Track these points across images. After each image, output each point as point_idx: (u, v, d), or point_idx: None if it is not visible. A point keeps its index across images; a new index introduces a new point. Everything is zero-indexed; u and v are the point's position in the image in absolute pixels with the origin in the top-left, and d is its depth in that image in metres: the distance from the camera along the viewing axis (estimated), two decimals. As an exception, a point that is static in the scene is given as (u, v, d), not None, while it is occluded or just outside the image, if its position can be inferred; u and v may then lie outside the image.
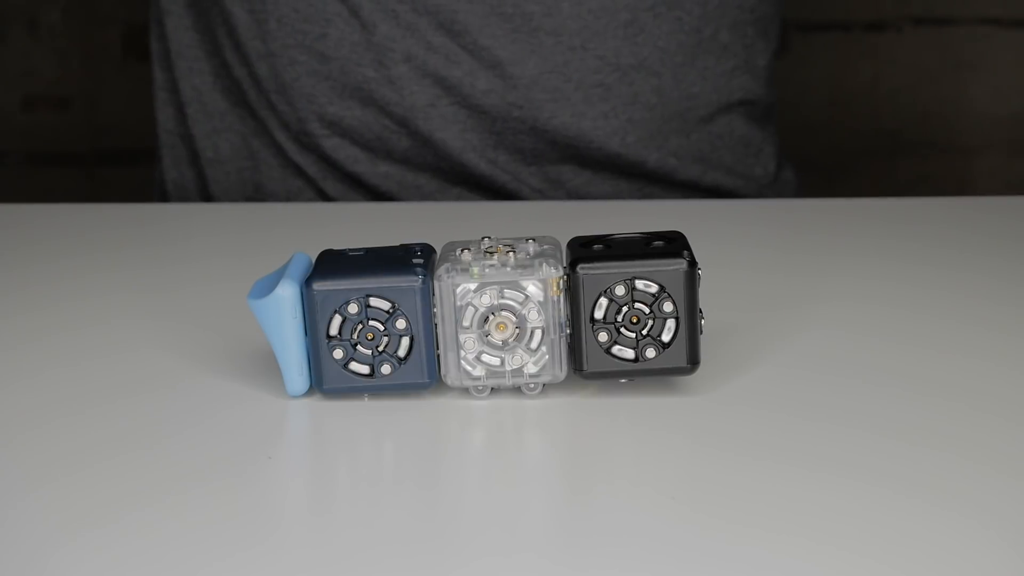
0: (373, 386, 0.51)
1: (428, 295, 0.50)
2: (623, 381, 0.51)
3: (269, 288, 0.51)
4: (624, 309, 0.50)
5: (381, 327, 0.50)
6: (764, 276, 0.66)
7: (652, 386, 0.52)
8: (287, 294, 0.50)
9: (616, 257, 0.49)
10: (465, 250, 0.50)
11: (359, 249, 0.52)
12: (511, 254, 0.50)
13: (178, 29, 0.87)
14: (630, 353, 0.50)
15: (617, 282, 0.49)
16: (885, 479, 0.45)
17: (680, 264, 0.49)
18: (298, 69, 0.82)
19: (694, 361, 0.50)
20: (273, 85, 0.83)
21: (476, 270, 0.50)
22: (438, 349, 0.51)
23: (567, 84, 0.81)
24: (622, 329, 0.50)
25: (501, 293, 0.50)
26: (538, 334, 0.50)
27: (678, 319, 0.50)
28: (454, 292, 0.50)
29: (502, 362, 0.50)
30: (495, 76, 0.80)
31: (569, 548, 0.42)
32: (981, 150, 1.35)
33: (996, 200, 0.82)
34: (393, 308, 0.50)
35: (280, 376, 0.52)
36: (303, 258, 0.52)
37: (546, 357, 0.50)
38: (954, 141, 1.35)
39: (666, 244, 0.50)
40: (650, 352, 0.50)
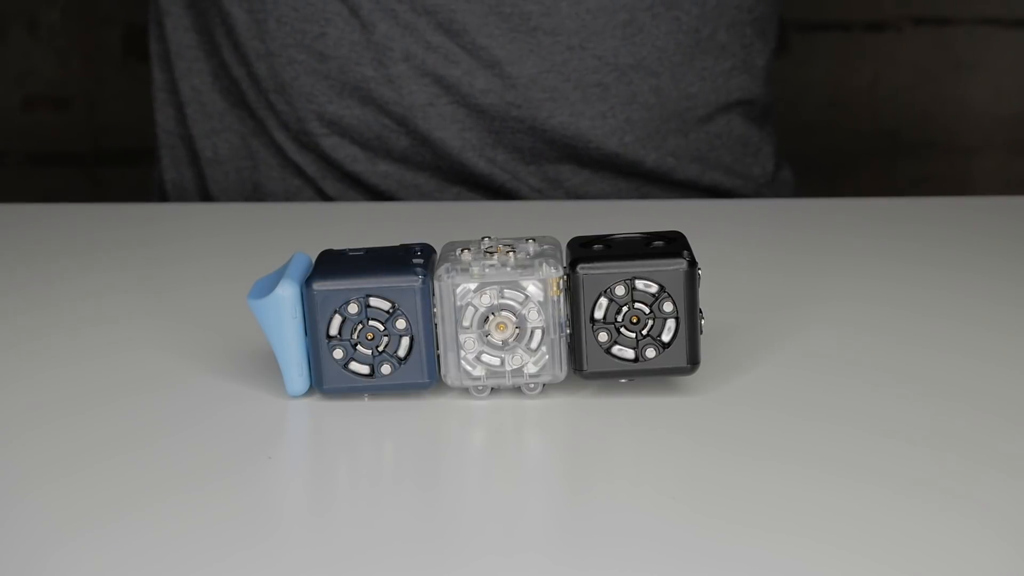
0: (373, 386, 0.51)
1: (428, 295, 0.50)
2: (623, 381, 0.51)
3: (269, 288, 0.51)
4: (624, 309, 0.50)
5: (381, 327, 0.50)
6: (764, 276, 0.65)
7: (652, 386, 0.52)
8: (287, 294, 0.50)
9: (616, 257, 0.49)
10: (465, 250, 0.50)
11: (359, 249, 0.52)
12: (511, 254, 0.50)
13: (177, 30, 0.87)
14: (630, 353, 0.50)
15: (617, 282, 0.49)
16: (885, 479, 0.45)
17: (680, 264, 0.49)
18: (297, 68, 0.82)
19: (694, 361, 0.50)
20: (272, 85, 0.83)
21: (476, 269, 0.50)
22: (438, 349, 0.50)
23: (565, 84, 0.81)
24: (622, 329, 0.50)
25: (501, 293, 0.50)
26: (538, 334, 0.50)
27: (678, 319, 0.50)
28: (454, 292, 0.50)
29: (502, 362, 0.50)
30: (493, 75, 0.80)
31: (569, 548, 0.42)
32: (981, 150, 1.35)
33: (996, 200, 0.82)
34: (393, 308, 0.50)
35: (280, 376, 0.52)
36: (303, 258, 0.52)
37: (546, 357, 0.50)
38: (954, 141, 1.35)
39: (666, 244, 0.50)
40: (650, 352, 0.50)
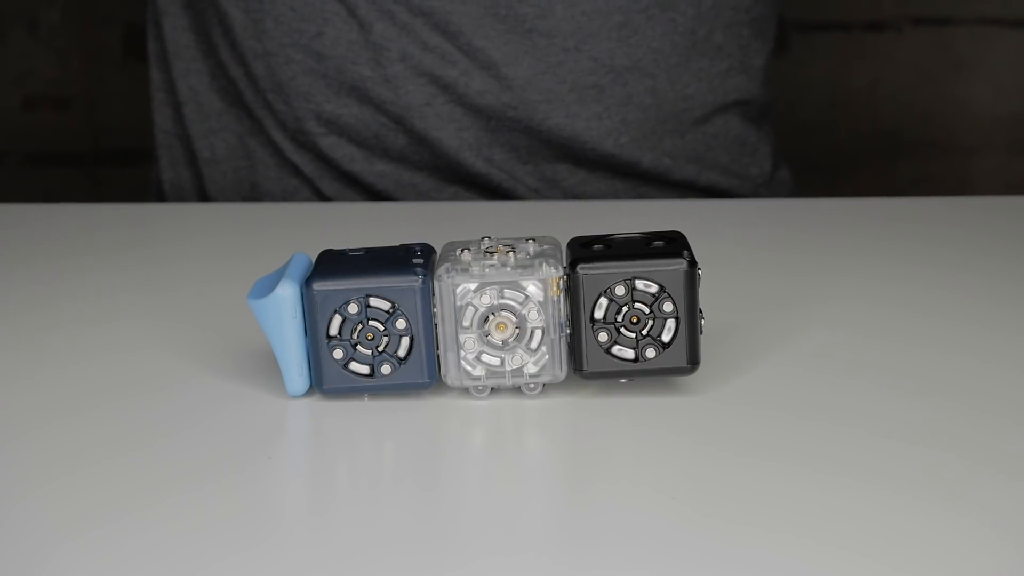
0: (373, 386, 0.51)
1: (428, 295, 0.50)
2: (623, 381, 0.51)
3: (269, 288, 0.51)
4: (624, 309, 0.50)
5: (381, 327, 0.50)
6: (764, 276, 0.65)
7: (652, 386, 0.52)
8: (287, 294, 0.50)
9: (616, 257, 0.49)
10: (465, 250, 0.50)
11: (359, 249, 0.52)
12: (511, 254, 0.50)
13: (175, 30, 0.87)
14: (630, 353, 0.50)
15: (617, 282, 0.49)
16: (885, 479, 0.45)
17: (680, 264, 0.49)
18: (294, 68, 0.82)
19: (694, 361, 0.50)
20: (269, 84, 0.83)
21: (476, 269, 0.50)
22: (438, 349, 0.50)
23: (561, 85, 0.81)
24: (622, 329, 0.50)
25: (501, 293, 0.50)
26: (538, 334, 0.50)
27: (678, 319, 0.50)
28: (454, 292, 0.50)
29: (502, 362, 0.50)
30: (490, 77, 0.80)
31: (569, 548, 0.42)
32: (981, 150, 1.35)
33: (996, 200, 0.82)
34: (393, 308, 0.50)
35: (280, 376, 0.52)
36: (303, 258, 0.52)
37: (546, 357, 0.50)
38: (954, 141, 1.35)
39: (666, 244, 0.50)
40: (650, 352, 0.50)
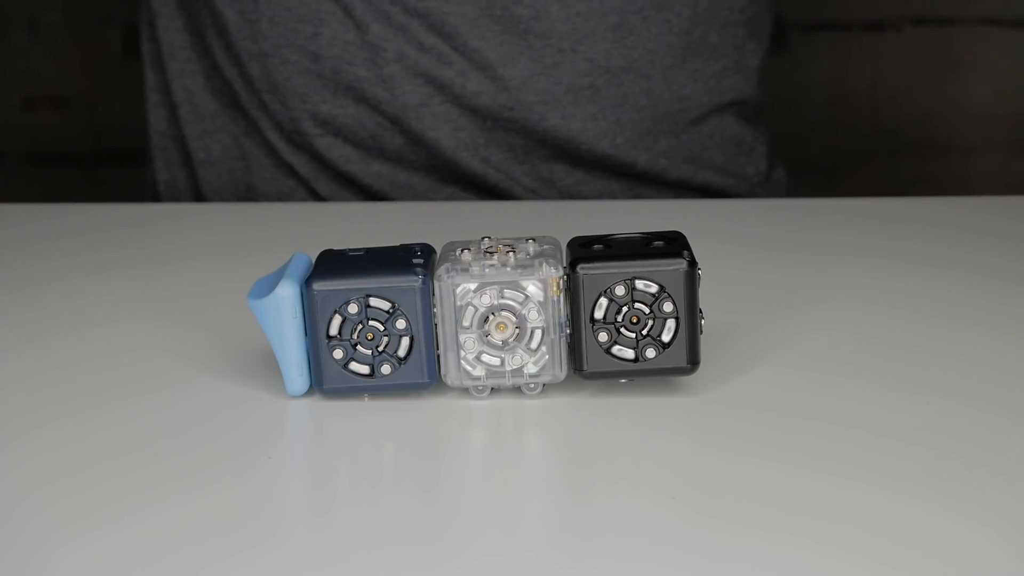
0: (373, 386, 0.51)
1: (428, 295, 0.50)
2: (623, 381, 0.51)
3: (269, 288, 0.51)
4: (624, 309, 0.50)
5: (381, 327, 0.50)
6: (764, 276, 0.65)
7: (652, 386, 0.52)
8: (287, 294, 0.50)
9: (616, 257, 0.49)
10: (465, 250, 0.50)
11: (359, 249, 0.52)
12: (511, 254, 0.50)
13: (169, 31, 0.87)
14: (630, 353, 0.50)
15: (617, 282, 0.49)
16: (885, 479, 0.45)
17: (680, 264, 0.49)
18: (290, 68, 0.82)
19: (694, 361, 0.50)
20: (265, 85, 0.83)
21: (476, 269, 0.50)
22: (438, 349, 0.50)
23: (557, 86, 0.81)
24: (622, 329, 0.50)
25: (501, 293, 0.50)
26: (538, 334, 0.50)
27: (678, 319, 0.50)
28: (454, 292, 0.50)
29: (502, 362, 0.50)
30: (486, 77, 0.80)
31: (569, 548, 0.42)
32: (981, 150, 1.35)
33: (996, 200, 0.82)
34: (393, 308, 0.50)
35: (280, 376, 0.52)
36: (303, 258, 0.52)
37: (546, 357, 0.50)
38: (954, 141, 1.35)
39: (666, 244, 0.50)
40: (650, 352, 0.50)
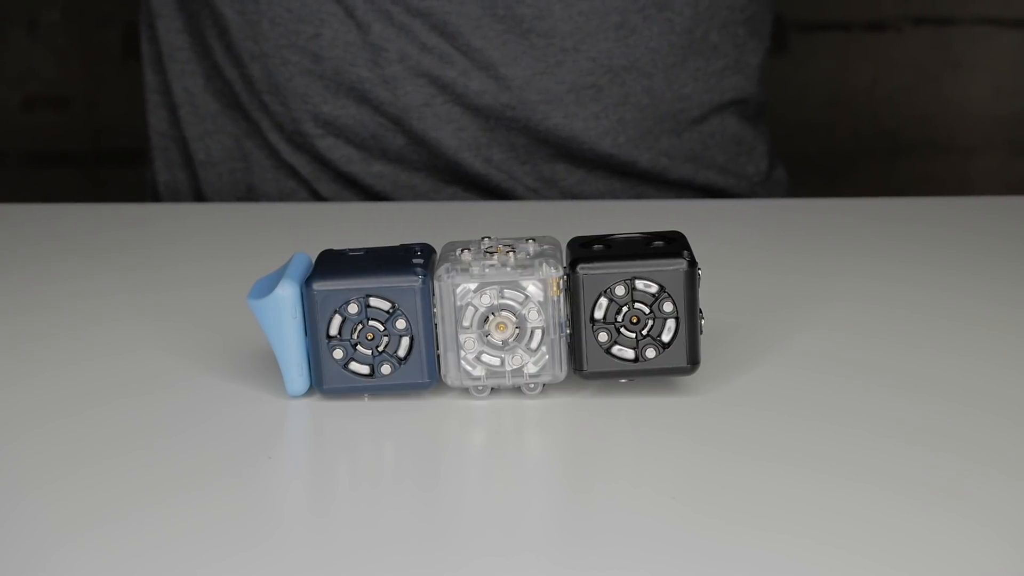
0: (373, 386, 0.51)
1: (428, 295, 0.50)
2: (623, 381, 0.51)
3: (269, 288, 0.51)
4: (624, 309, 0.50)
5: (381, 327, 0.50)
6: (764, 276, 0.66)
7: (652, 386, 0.52)
8: (287, 294, 0.50)
9: (616, 257, 0.49)
10: (465, 250, 0.50)
11: (359, 249, 0.52)
12: (511, 254, 0.50)
13: (169, 32, 0.87)
14: (630, 353, 0.50)
15: (617, 282, 0.49)
16: (885, 479, 0.45)
17: (680, 264, 0.49)
18: (291, 69, 0.82)
19: (694, 361, 0.50)
20: (266, 86, 0.83)
21: (476, 269, 0.50)
22: (438, 349, 0.50)
23: (559, 85, 0.81)
24: (622, 329, 0.50)
25: (501, 293, 0.50)
26: (538, 334, 0.50)
27: (678, 319, 0.50)
28: (454, 292, 0.50)
29: (502, 362, 0.50)
30: (488, 77, 0.80)
31: (569, 548, 0.42)
32: (981, 150, 1.35)
33: (996, 200, 0.82)
34: (393, 308, 0.50)
35: (280, 376, 0.52)
36: (303, 258, 0.52)
37: (546, 357, 0.50)
38: (954, 141, 1.35)
39: (666, 244, 0.50)
40: (650, 352, 0.50)
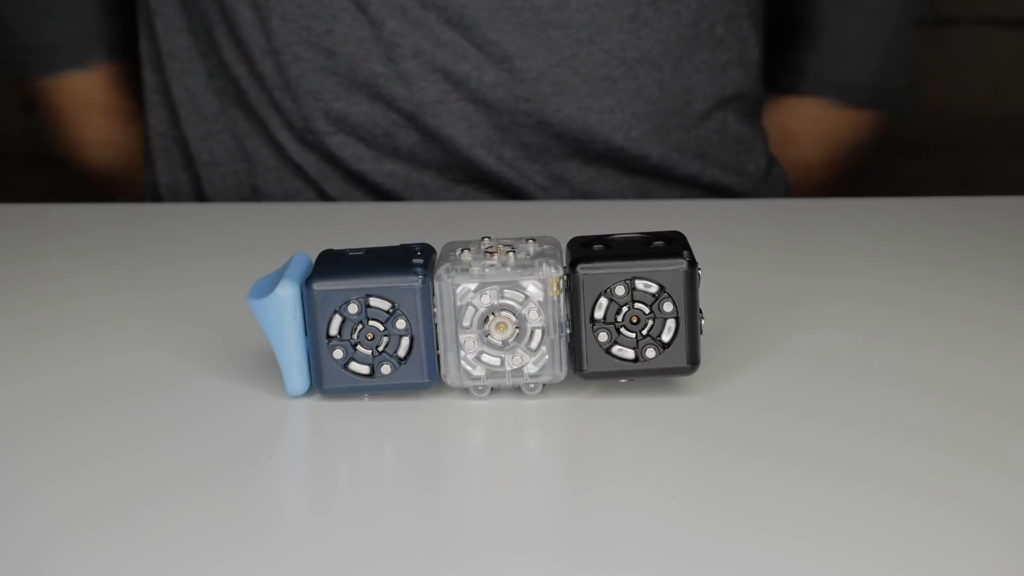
0: (373, 386, 0.51)
1: (428, 295, 0.50)
2: (623, 381, 0.51)
3: (269, 288, 0.51)
4: (624, 309, 0.50)
5: (381, 327, 0.50)
6: (764, 276, 0.65)
7: (652, 386, 0.52)
8: (287, 294, 0.50)
9: (616, 257, 0.49)
10: (465, 250, 0.50)
11: (359, 249, 0.52)
12: (511, 254, 0.50)
13: (169, 30, 0.87)
14: (630, 353, 0.50)
15: (617, 282, 0.49)
16: (885, 479, 0.45)
17: (680, 264, 0.49)
18: (303, 65, 0.82)
19: (694, 361, 0.50)
20: (277, 82, 0.83)
21: (476, 269, 0.50)
22: (438, 349, 0.50)
23: (574, 77, 0.81)
24: (622, 329, 0.50)
25: (501, 293, 0.50)
26: (538, 334, 0.50)
27: (678, 319, 0.50)
28: (454, 292, 0.50)
29: (502, 362, 0.50)
30: (502, 70, 0.80)
31: (569, 548, 0.42)
32: (981, 150, 1.35)
33: (996, 200, 0.82)
34: (393, 308, 0.50)
35: (280, 376, 0.52)
36: (303, 258, 0.52)
37: (546, 357, 0.50)
38: (954, 141, 1.35)
39: (666, 244, 0.50)
40: (650, 352, 0.50)
